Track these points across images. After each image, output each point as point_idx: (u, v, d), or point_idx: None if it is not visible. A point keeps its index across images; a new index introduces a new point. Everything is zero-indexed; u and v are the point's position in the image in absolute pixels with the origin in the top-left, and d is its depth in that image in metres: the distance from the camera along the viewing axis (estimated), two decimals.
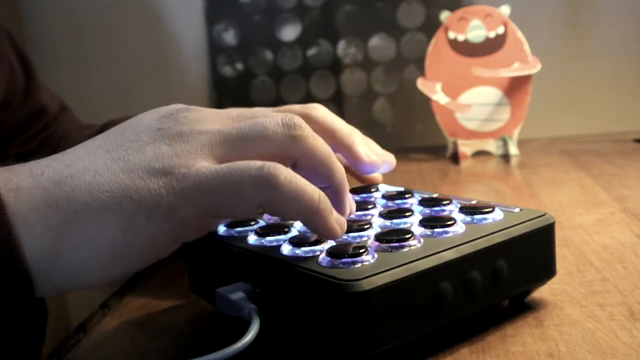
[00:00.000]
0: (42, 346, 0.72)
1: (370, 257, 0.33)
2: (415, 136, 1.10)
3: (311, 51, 1.11)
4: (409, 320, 0.33)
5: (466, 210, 0.39)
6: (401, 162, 0.54)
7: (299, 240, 0.36)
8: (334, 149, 0.47)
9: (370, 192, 0.47)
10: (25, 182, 0.32)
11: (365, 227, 0.38)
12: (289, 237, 0.37)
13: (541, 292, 0.41)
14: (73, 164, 0.33)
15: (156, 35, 1.15)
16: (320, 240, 0.36)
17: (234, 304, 0.35)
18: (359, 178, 0.50)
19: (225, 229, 0.41)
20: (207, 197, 0.32)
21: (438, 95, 0.90)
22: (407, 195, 0.44)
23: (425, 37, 1.06)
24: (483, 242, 0.35)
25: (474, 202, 0.41)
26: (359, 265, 0.33)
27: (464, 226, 0.37)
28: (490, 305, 0.37)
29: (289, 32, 1.11)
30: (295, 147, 0.35)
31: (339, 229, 0.35)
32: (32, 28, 1.16)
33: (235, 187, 0.32)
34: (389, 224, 0.39)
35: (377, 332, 0.31)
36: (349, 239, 0.37)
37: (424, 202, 0.42)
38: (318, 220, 0.34)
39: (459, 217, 0.39)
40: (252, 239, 0.38)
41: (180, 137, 0.34)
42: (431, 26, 1.01)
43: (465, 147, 0.89)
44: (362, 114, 1.10)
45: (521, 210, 0.40)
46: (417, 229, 0.37)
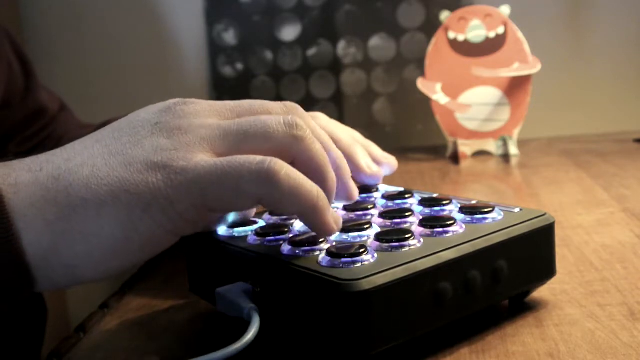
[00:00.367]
0: (42, 346, 0.72)
1: (370, 257, 0.33)
2: (415, 136, 1.09)
3: (311, 51, 1.10)
4: (409, 320, 0.33)
5: (466, 210, 0.39)
6: (401, 162, 0.54)
7: (299, 240, 0.36)
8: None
9: (370, 192, 0.47)
10: (24, 178, 0.32)
11: (365, 227, 0.38)
12: (289, 237, 0.37)
13: (541, 292, 0.41)
14: (71, 159, 0.33)
15: (156, 35, 1.15)
16: (320, 239, 0.36)
17: (234, 304, 0.35)
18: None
19: (225, 229, 0.41)
20: (206, 191, 0.32)
21: (438, 95, 0.90)
22: (407, 195, 0.44)
23: (425, 37, 1.06)
24: (483, 242, 0.35)
25: (474, 202, 0.41)
26: (359, 265, 0.33)
27: (463, 226, 0.37)
28: (490, 305, 0.37)
29: (289, 32, 1.10)
30: (294, 147, 0.35)
31: (335, 226, 0.35)
32: (32, 28, 1.16)
33: (235, 181, 0.32)
34: (389, 224, 0.39)
35: (377, 332, 0.31)
36: (349, 239, 0.37)
37: (424, 202, 0.42)
38: (315, 217, 0.34)
39: (459, 217, 0.39)
40: (252, 239, 0.38)
41: (179, 130, 0.34)
42: (431, 26, 1.01)
43: (465, 147, 0.89)
44: (362, 114, 1.10)
45: (521, 210, 0.40)
46: (417, 229, 0.37)
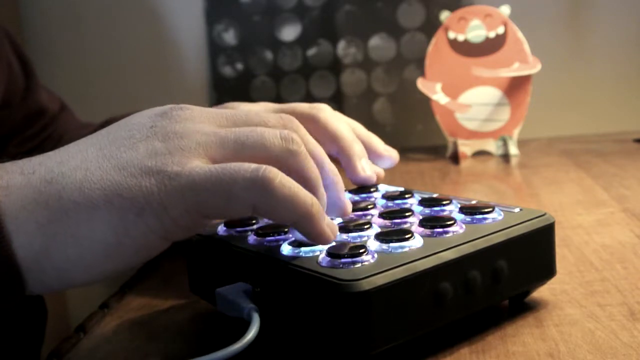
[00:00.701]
0: (41, 346, 0.72)
1: (370, 257, 0.33)
2: (415, 136, 1.09)
3: (311, 51, 1.10)
4: (409, 320, 0.33)
5: (466, 210, 0.39)
6: (401, 162, 0.54)
7: (299, 241, 0.36)
8: (335, 154, 0.48)
9: (370, 192, 0.47)
10: (16, 181, 0.32)
11: (365, 227, 0.38)
12: (289, 237, 0.37)
13: (541, 292, 0.41)
14: (65, 162, 0.33)
15: (156, 35, 1.15)
16: None
17: (234, 304, 0.35)
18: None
19: (225, 229, 0.41)
20: (200, 197, 0.32)
21: (438, 95, 0.90)
22: (407, 195, 0.44)
23: (425, 37, 1.06)
24: (483, 242, 0.35)
25: (474, 202, 0.41)
26: (359, 265, 0.33)
27: (463, 226, 0.37)
28: (490, 305, 0.37)
29: (289, 32, 1.10)
30: (289, 160, 0.35)
31: (331, 234, 0.35)
32: (32, 28, 1.16)
33: (229, 188, 0.32)
34: (389, 224, 0.39)
35: (377, 332, 0.31)
36: (349, 239, 0.37)
37: (424, 202, 0.42)
38: (311, 225, 0.34)
39: (459, 217, 0.39)
40: (252, 239, 0.38)
41: (175, 135, 0.33)
42: (431, 26, 1.01)
43: (465, 147, 0.89)
44: (362, 114, 1.10)
45: (521, 210, 0.40)
46: (417, 229, 0.37)
